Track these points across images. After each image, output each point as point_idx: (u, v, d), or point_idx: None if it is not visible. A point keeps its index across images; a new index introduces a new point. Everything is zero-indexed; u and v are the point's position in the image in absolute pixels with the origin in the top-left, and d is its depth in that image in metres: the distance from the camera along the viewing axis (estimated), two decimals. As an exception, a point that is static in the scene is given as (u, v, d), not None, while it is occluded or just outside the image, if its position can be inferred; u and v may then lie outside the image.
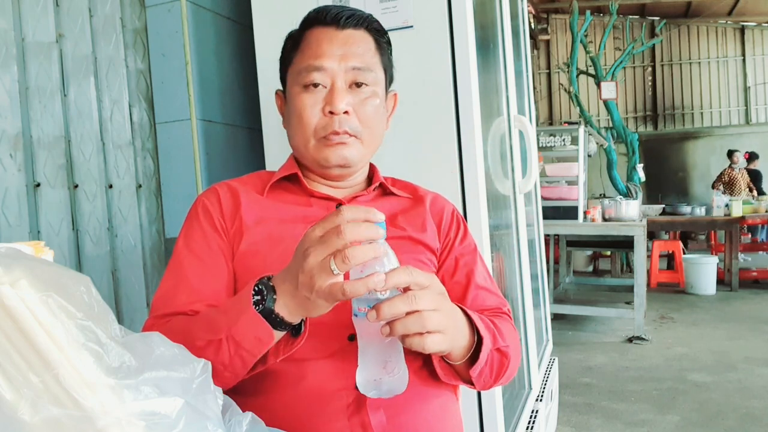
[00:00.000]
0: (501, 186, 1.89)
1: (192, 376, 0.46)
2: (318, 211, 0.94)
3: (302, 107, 0.91)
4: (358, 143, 0.93)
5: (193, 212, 0.95)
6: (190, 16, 1.76)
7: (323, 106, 0.91)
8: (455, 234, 1.01)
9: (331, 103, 0.90)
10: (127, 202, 1.71)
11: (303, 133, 0.93)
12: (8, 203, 1.36)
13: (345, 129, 0.90)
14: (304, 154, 0.95)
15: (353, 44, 0.92)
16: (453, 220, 1.03)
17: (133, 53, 1.76)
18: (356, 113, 0.91)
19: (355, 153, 0.93)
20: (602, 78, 7.04)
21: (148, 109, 1.81)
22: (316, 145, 0.92)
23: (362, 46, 0.93)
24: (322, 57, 0.90)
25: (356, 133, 0.92)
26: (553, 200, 4.33)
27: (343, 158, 0.92)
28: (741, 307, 5.12)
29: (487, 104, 1.75)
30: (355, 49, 0.91)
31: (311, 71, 0.90)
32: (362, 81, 0.92)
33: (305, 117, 0.91)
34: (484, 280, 0.98)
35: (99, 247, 1.61)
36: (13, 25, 1.39)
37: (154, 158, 1.82)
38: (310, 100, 0.91)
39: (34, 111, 1.44)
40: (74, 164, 1.55)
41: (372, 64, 0.93)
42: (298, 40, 0.96)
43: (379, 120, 0.96)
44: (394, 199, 1.02)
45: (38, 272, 0.41)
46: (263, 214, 0.93)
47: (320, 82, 0.91)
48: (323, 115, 0.91)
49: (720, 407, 2.93)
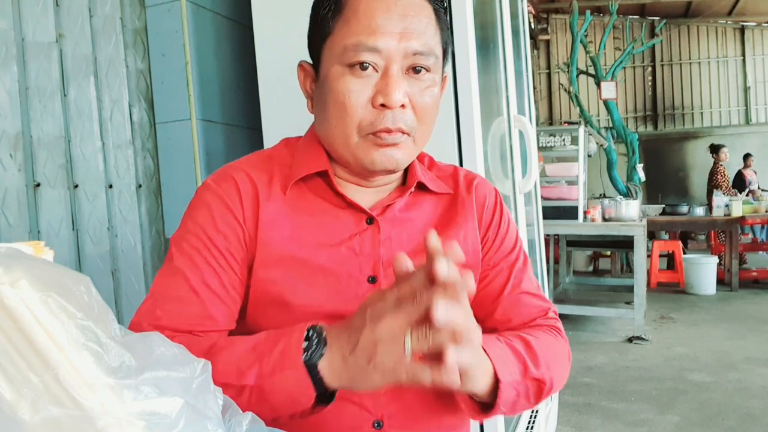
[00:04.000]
0: (501, 186, 1.89)
1: (192, 375, 0.46)
2: (345, 226, 0.78)
3: (346, 94, 0.72)
4: (411, 143, 0.75)
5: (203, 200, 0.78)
6: (190, 16, 1.76)
7: (373, 96, 0.71)
8: (496, 229, 0.86)
9: (385, 93, 0.70)
10: (127, 202, 1.71)
11: (344, 127, 0.73)
12: (8, 203, 1.36)
13: (399, 126, 0.72)
14: (342, 152, 0.76)
15: (414, 17, 0.72)
16: (495, 212, 0.87)
17: (133, 53, 1.76)
18: (412, 106, 0.73)
19: (405, 156, 0.75)
20: (602, 78, 7.04)
21: (148, 109, 1.81)
22: (360, 144, 0.73)
23: (423, 20, 0.73)
24: (377, 34, 0.70)
25: (410, 131, 0.74)
26: (553, 200, 4.33)
27: (393, 162, 0.74)
28: (741, 307, 5.12)
29: (487, 104, 1.76)
30: (417, 24, 0.72)
31: (361, 51, 0.70)
32: (423, 66, 0.73)
33: (350, 107, 0.72)
34: (527, 280, 0.86)
35: (99, 247, 1.61)
36: (13, 25, 1.39)
37: (154, 158, 1.82)
38: (357, 85, 0.71)
39: (34, 111, 1.44)
40: (74, 164, 1.55)
41: (434, 45, 0.74)
42: (339, 3, 0.73)
43: (435, 113, 0.78)
44: (433, 199, 0.84)
45: (38, 272, 0.41)
46: (282, 224, 0.77)
47: (371, 63, 0.71)
48: (373, 107, 0.72)
49: (720, 407, 2.93)
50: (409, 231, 0.80)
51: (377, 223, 0.78)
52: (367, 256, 0.77)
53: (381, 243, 0.78)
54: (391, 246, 0.78)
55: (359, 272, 0.77)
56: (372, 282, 0.77)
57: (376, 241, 0.78)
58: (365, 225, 0.78)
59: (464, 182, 0.87)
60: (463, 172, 0.89)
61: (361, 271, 0.77)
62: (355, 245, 0.77)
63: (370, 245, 0.78)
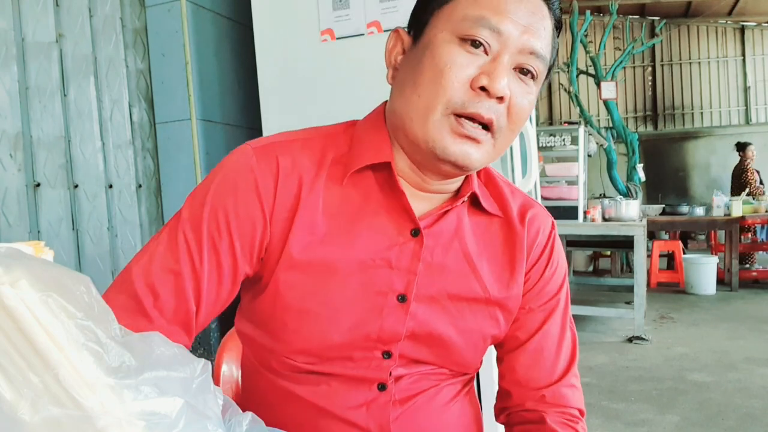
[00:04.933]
0: (501, 186, 1.89)
1: (192, 375, 0.46)
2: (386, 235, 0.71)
3: (449, 63, 0.64)
4: (491, 145, 0.68)
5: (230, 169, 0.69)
6: (190, 16, 1.76)
7: (476, 75, 0.64)
8: (542, 272, 0.78)
9: (491, 76, 0.63)
10: (127, 202, 1.71)
11: (431, 97, 0.65)
12: (8, 203, 1.36)
13: (491, 117, 0.65)
14: (415, 129, 0.67)
15: (541, 20, 0.67)
16: (544, 251, 0.79)
17: (133, 53, 1.76)
18: (509, 105, 0.66)
19: (482, 157, 0.68)
20: (602, 78, 7.05)
21: (148, 108, 1.81)
22: (439, 123, 0.65)
23: (547, 26, 0.68)
24: (504, 16, 0.64)
25: (498, 129, 0.67)
26: (553, 200, 4.33)
27: (467, 158, 0.66)
28: (741, 307, 5.12)
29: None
30: (541, 26, 0.67)
31: (482, 26, 0.64)
32: (532, 68, 0.67)
33: (447, 77, 0.64)
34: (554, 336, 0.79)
35: (99, 247, 1.61)
36: (13, 25, 1.39)
37: (154, 158, 1.82)
38: (463, 59, 0.64)
39: (34, 111, 1.44)
40: (74, 164, 1.55)
41: (546, 53, 0.69)
42: None
43: (524, 123, 0.71)
44: (485, 219, 0.77)
45: (38, 272, 0.41)
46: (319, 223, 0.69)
47: (486, 43, 0.65)
48: (470, 88, 0.64)
49: (720, 407, 2.93)
50: (455, 251, 0.73)
51: (422, 236, 0.70)
52: (404, 271, 0.70)
53: (421, 260, 0.71)
54: (431, 264, 0.71)
55: (389, 288, 0.70)
56: (401, 301, 0.70)
57: (416, 256, 0.70)
58: (409, 236, 0.71)
59: (519, 210, 0.78)
60: (519, 197, 0.80)
61: (391, 288, 0.70)
62: (392, 257, 0.70)
63: (409, 260, 0.70)
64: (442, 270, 0.72)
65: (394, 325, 0.70)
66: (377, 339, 0.70)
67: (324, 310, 0.69)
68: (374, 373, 0.71)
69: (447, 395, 0.76)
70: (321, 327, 0.69)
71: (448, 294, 0.72)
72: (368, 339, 0.69)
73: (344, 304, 0.69)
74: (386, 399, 0.71)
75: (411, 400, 0.73)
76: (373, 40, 1.56)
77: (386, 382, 0.71)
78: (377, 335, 0.69)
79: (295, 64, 1.68)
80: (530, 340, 0.78)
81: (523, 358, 0.78)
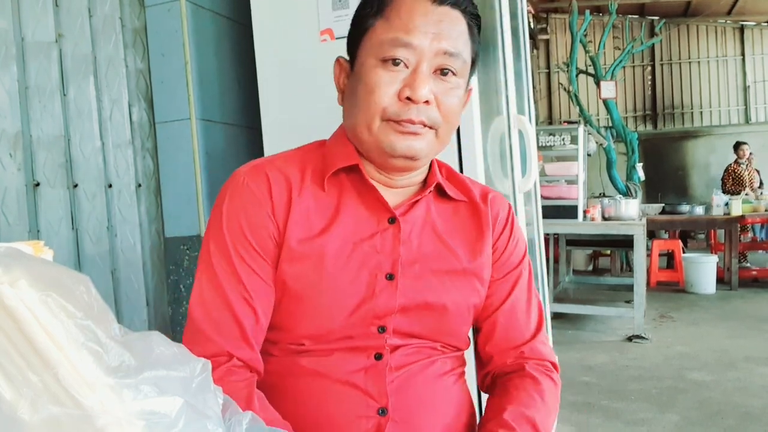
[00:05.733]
0: (501, 185, 1.89)
1: (192, 375, 0.46)
2: (368, 225, 0.82)
3: (376, 84, 0.77)
4: (433, 137, 0.80)
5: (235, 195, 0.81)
6: (190, 15, 1.76)
7: (401, 89, 0.76)
8: (505, 246, 0.90)
9: (412, 87, 0.76)
10: (127, 201, 1.71)
11: (368, 112, 0.78)
12: (8, 203, 1.36)
13: (422, 119, 0.77)
14: (365, 137, 0.79)
15: (449, 25, 0.78)
16: (506, 227, 0.91)
17: (132, 53, 1.76)
18: (438, 104, 0.78)
19: (426, 147, 0.79)
20: (602, 77, 7.05)
21: (148, 108, 1.81)
22: (382, 127, 0.78)
23: (457, 28, 0.79)
24: (414, 32, 0.76)
25: (434, 125, 0.79)
26: (553, 199, 4.33)
27: (412, 150, 0.78)
28: (741, 306, 5.12)
29: (487, 104, 1.76)
30: (450, 30, 0.78)
31: (397, 46, 0.76)
32: (450, 68, 0.78)
33: (377, 95, 0.77)
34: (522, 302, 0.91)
35: (99, 246, 1.61)
36: (13, 25, 1.39)
37: (153, 158, 1.82)
38: (387, 77, 0.77)
39: (33, 111, 1.44)
40: (74, 164, 1.55)
41: (462, 50, 0.79)
42: (383, 4, 0.80)
43: (458, 115, 0.83)
44: (451, 205, 0.89)
45: (38, 272, 0.41)
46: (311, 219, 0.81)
47: (404, 59, 0.76)
48: (398, 99, 0.77)
49: (720, 406, 2.94)
50: (429, 233, 0.85)
51: (398, 222, 0.82)
52: (387, 254, 0.81)
53: (401, 242, 0.82)
54: (410, 246, 0.83)
55: (378, 269, 0.81)
56: (390, 279, 0.81)
57: (396, 240, 0.82)
58: (387, 224, 0.82)
59: (480, 194, 0.91)
60: (477, 187, 0.93)
61: (380, 268, 0.81)
62: (376, 243, 0.81)
63: (391, 244, 0.82)
64: (421, 249, 0.83)
65: (387, 301, 0.80)
66: (373, 315, 0.79)
67: (325, 295, 0.78)
68: (371, 345, 0.80)
69: (440, 369, 0.85)
70: (324, 311, 0.79)
71: (431, 269, 0.83)
72: (365, 316, 0.79)
73: (342, 287, 0.79)
74: (383, 365, 0.79)
75: (405, 368, 0.81)
76: (372, 40, 1.56)
77: (382, 352, 0.80)
78: (373, 312, 0.79)
79: (295, 63, 1.68)
80: (503, 304, 0.89)
81: (500, 320, 0.89)
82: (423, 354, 0.83)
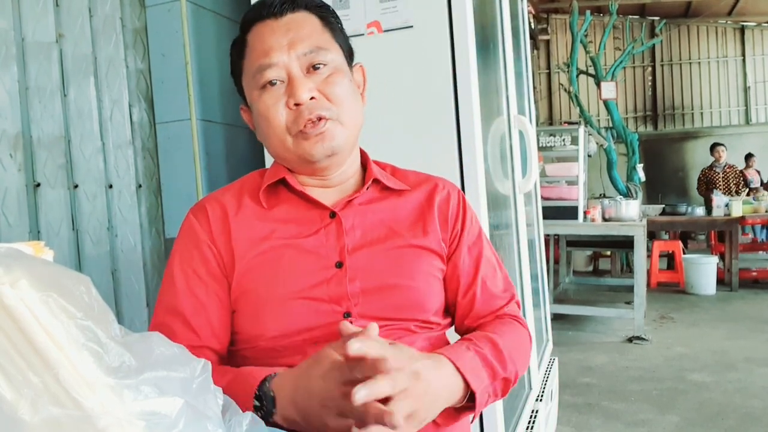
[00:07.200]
0: (501, 186, 1.89)
1: (192, 375, 0.46)
2: (311, 222, 0.89)
3: (267, 108, 0.86)
4: (338, 125, 0.86)
5: (184, 231, 0.91)
6: (190, 16, 1.76)
7: (286, 101, 0.85)
8: (461, 225, 0.96)
9: (293, 94, 0.84)
10: (127, 202, 1.71)
11: (276, 134, 0.86)
12: (8, 203, 1.36)
13: (318, 114, 0.84)
14: (285, 155, 0.88)
15: (297, 28, 0.86)
16: (459, 209, 0.97)
17: (133, 53, 1.76)
18: (324, 95, 0.85)
19: (338, 138, 0.86)
20: (602, 78, 7.04)
21: (148, 108, 1.81)
22: (294, 142, 0.86)
23: (307, 27, 0.87)
24: (270, 52, 0.85)
25: (332, 116, 0.85)
26: (553, 200, 4.33)
27: (328, 149, 0.86)
28: (741, 307, 5.12)
29: (487, 104, 1.76)
30: (300, 32, 0.86)
31: (263, 70, 0.85)
32: (319, 62, 0.86)
33: (272, 117, 0.85)
34: (491, 273, 0.96)
35: (99, 247, 1.61)
36: (13, 25, 1.39)
37: (154, 158, 1.82)
38: (271, 99, 0.85)
39: (34, 111, 1.44)
40: (74, 164, 1.55)
41: (323, 42, 0.87)
42: (242, 46, 0.90)
43: (352, 96, 0.89)
44: (393, 196, 0.95)
45: (38, 272, 0.41)
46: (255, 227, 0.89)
47: (276, 78, 0.85)
48: (289, 109, 0.85)
49: (720, 407, 2.93)
50: (371, 221, 0.90)
51: (339, 216, 0.88)
52: (333, 245, 0.87)
53: (345, 233, 0.88)
54: (355, 235, 0.89)
55: (327, 259, 0.86)
56: (338, 267, 0.86)
57: (339, 232, 0.88)
58: (329, 219, 0.89)
59: (429, 183, 0.98)
60: (422, 177, 1.00)
61: (328, 258, 0.86)
62: (321, 236, 0.88)
63: (335, 236, 0.88)
64: (366, 237, 0.89)
65: (338, 287, 0.85)
66: (330, 300, 0.84)
67: (282, 288, 0.84)
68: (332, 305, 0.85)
69: (419, 346, 0.86)
70: (285, 305, 0.84)
71: (381, 251, 0.88)
72: (323, 302, 0.84)
73: (295, 280, 0.85)
74: None
75: None
76: (372, 41, 1.56)
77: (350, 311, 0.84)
78: (329, 297, 0.84)
79: (295, 64, 1.68)
80: (475, 277, 0.94)
81: (478, 293, 0.94)
82: (396, 336, 0.85)
